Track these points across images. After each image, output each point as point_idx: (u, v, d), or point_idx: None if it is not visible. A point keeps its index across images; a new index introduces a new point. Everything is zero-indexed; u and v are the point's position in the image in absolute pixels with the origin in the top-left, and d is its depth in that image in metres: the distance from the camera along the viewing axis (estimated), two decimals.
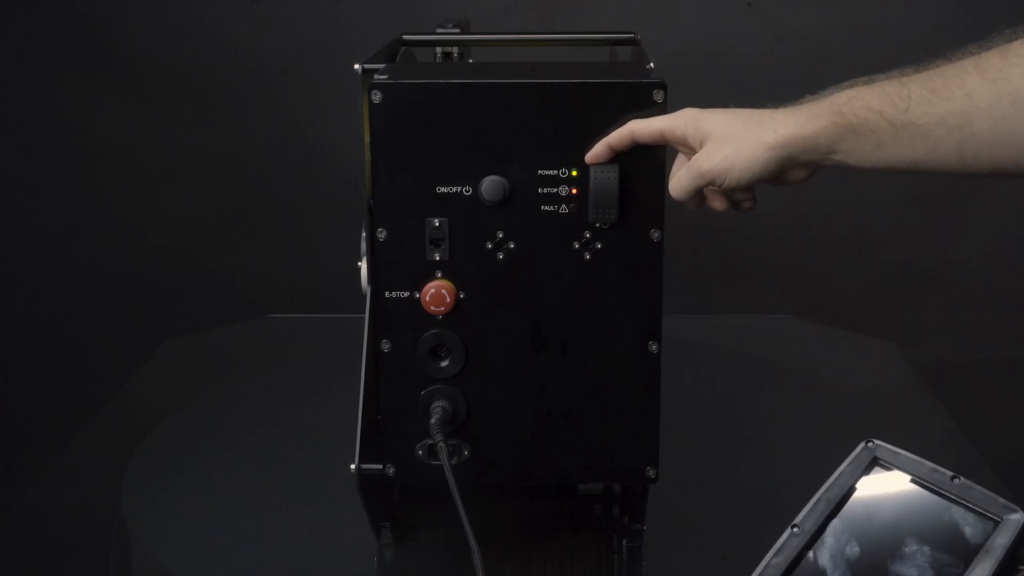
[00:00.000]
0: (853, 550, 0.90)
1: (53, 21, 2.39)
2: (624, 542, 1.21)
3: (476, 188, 1.07)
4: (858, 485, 0.93)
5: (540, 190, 1.07)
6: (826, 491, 0.92)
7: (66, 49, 2.39)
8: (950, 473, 0.91)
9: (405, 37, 1.32)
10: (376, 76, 1.08)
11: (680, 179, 1.06)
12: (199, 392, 1.62)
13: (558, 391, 1.11)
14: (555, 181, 1.07)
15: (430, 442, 1.10)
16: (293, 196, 2.44)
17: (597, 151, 1.05)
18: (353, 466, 1.11)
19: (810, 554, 0.90)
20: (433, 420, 1.09)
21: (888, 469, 0.93)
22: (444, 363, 1.10)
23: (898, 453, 0.94)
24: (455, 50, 1.37)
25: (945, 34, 2.33)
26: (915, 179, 2.40)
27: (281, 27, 2.37)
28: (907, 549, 0.89)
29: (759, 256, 2.45)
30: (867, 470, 0.93)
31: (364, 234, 1.11)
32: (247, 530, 1.27)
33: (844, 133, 1.02)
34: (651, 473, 1.12)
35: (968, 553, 0.88)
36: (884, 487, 0.93)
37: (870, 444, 0.94)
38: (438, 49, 1.37)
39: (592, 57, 1.39)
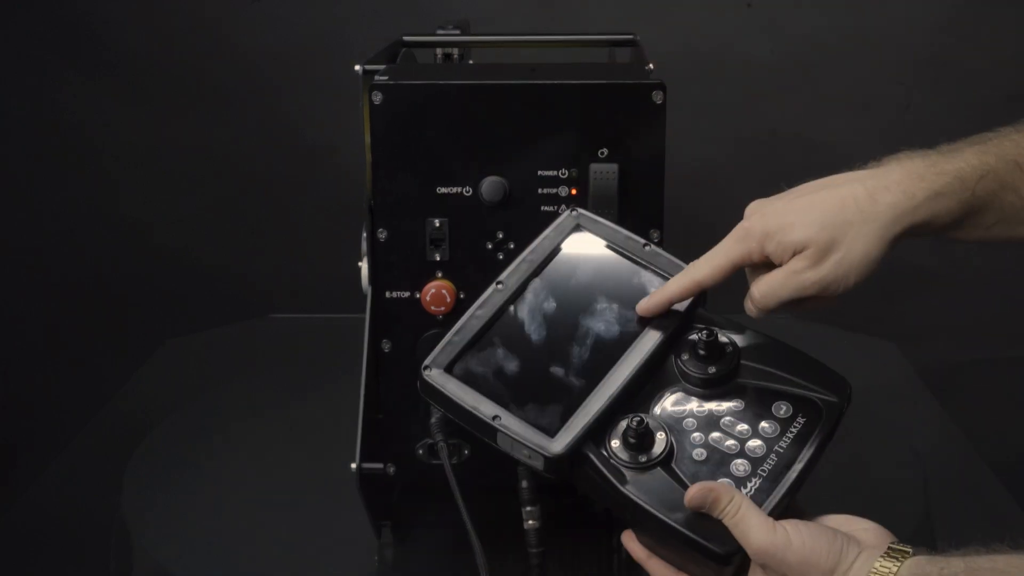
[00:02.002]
0: (550, 305, 0.98)
1: (53, 21, 2.39)
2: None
3: (476, 188, 1.08)
4: (559, 248, 1.01)
5: (540, 190, 1.08)
6: (530, 253, 1.00)
7: (66, 49, 2.39)
8: (642, 241, 1.00)
9: (405, 38, 1.33)
10: (377, 77, 1.08)
11: (777, 292, 0.94)
12: (199, 392, 1.62)
13: None
14: (555, 182, 1.08)
15: (430, 441, 1.11)
16: (294, 196, 2.44)
17: (653, 305, 0.97)
18: (354, 465, 1.11)
19: (511, 308, 0.98)
20: (433, 419, 1.09)
21: (588, 234, 1.01)
22: None
23: (598, 221, 1.02)
24: (455, 51, 1.37)
25: (945, 34, 2.34)
26: None
27: (281, 27, 2.37)
28: (598, 306, 0.98)
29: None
30: (569, 235, 1.01)
31: (365, 234, 1.11)
32: (248, 529, 1.27)
33: (971, 212, 0.95)
34: None
35: None
36: (582, 251, 1.00)
37: (573, 212, 1.02)
38: (438, 50, 1.37)
39: (592, 58, 1.39)
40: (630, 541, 0.94)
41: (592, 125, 1.06)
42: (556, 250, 1.00)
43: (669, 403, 0.94)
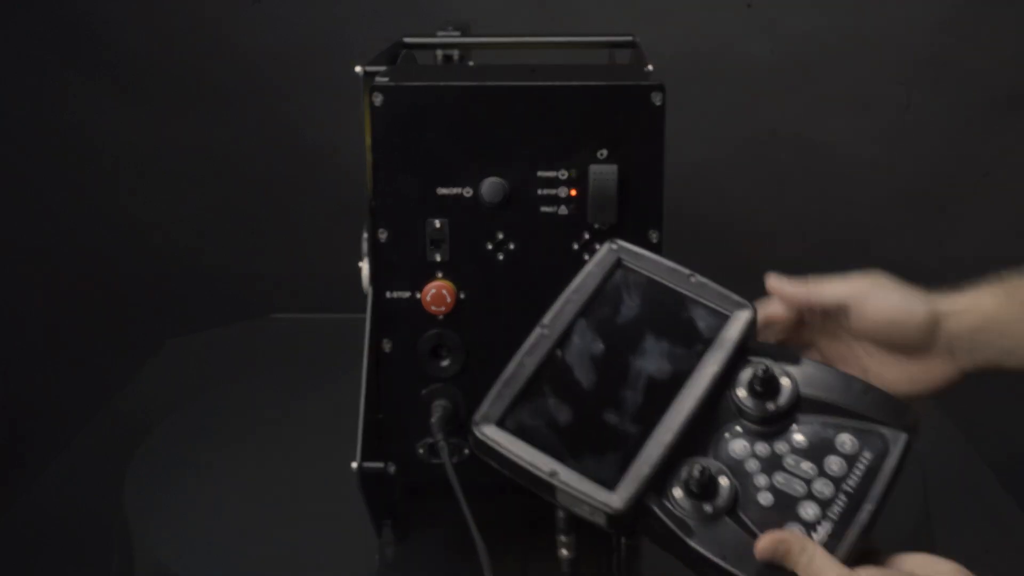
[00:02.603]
0: (598, 347, 0.92)
1: (53, 21, 2.39)
2: (624, 542, 1.22)
3: (476, 189, 1.08)
4: (602, 285, 0.95)
5: (539, 191, 1.08)
6: (572, 292, 0.95)
7: (66, 49, 2.39)
8: (687, 271, 0.95)
9: (406, 40, 1.33)
10: (377, 78, 1.09)
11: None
12: (200, 392, 1.63)
13: None
14: (554, 183, 1.08)
15: (431, 441, 1.11)
16: (294, 197, 2.45)
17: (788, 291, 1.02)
18: (355, 465, 1.12)
19: (558, 352, 0.92)
20: (434, 419, 1.10)
21: (631, 269, 0.96)
22: (445, 362, 1.11)
23: (640, 254, 0.97)
24: (456, 53, 1.37)
25: (945, 35, 2.34)
26: (915, 178, 2.40)
27: (282, 28, 2.37)
28: (646, 344, 0.92)
29: (759, 256, 2.45)
30: (611, 271, 0.96)
31: (365, 235, 1.11)
32: (249, 529, 1.27)
33: (1016, 310, 0.97)
34: None
35: (702, 346, 0.92)
36: (627, 286, 0.96)
37: (614, 245, 0.97)
38: (439, 51, 1.37)
39: (591, 60, 1.40)
40: None
41: (592, 126, 1.07)
42: (599, 287, 0.95)
43: (729, 444, 0.89)
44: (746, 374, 0.91)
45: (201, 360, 1.78)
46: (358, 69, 1.12)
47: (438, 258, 1.09)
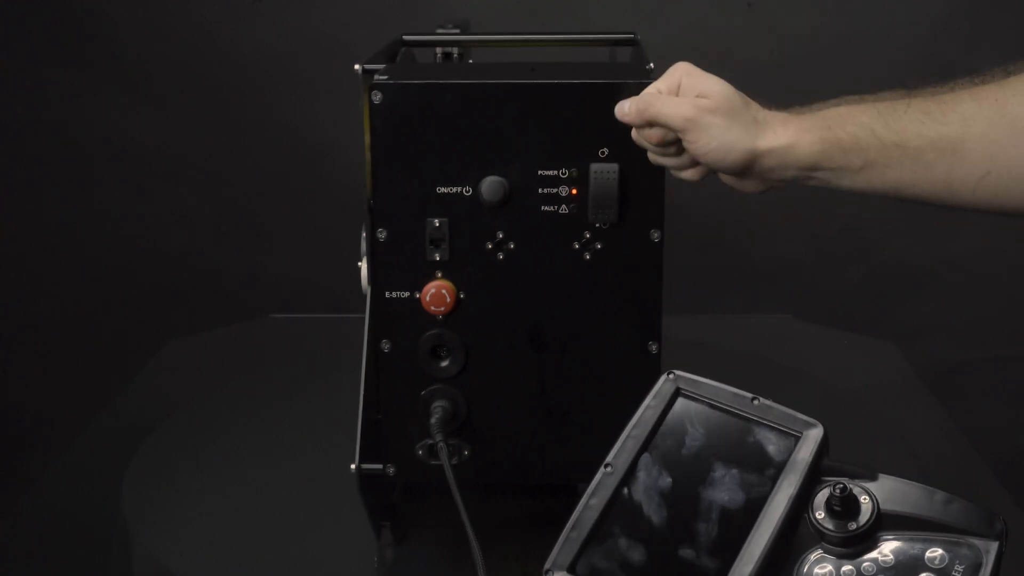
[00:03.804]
0: (665, 481, 0.90)
1: (53, 21, 2.39)
2: None
3: (476, 188, 1.07)
4: (664, 418, 0.93)
5: (540, 190, 1.08)
6: (634, 427, 0.93)
7: (66, 49, 2.39)
8: (750, 395, 0.93)
9: (405, 37, 1.32)
10: (376, 76, 1.08)
11: (658, 101, 1.02)
12: (200, 392, 1.62)
13: (558, 391, 1.11)
14: (555, 181, 1.07)
15: (430, 442, 1.11)
16: (293, 196, 2.44)
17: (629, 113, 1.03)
18: (353, 466, 1.11)
19: (625, 490, 0.90)
20: (433, 420, 1.09)
21: (691, 398, 0.94)
22: (444, 363, 1.11)
23: (699, 381, 0.95)
24: (455, 50, 1.37)
25: (944, 35, 2.34)
26: None
27: (282, 27, 2.37)
28: (716, 474, 0.90)
29: (759, 256, 2.45)
30: (671, 402, 0.94)
31: (364, 234, 1.11)
32: (248, 529, 1.27)
33: (832, 150, 1.00)
34: None
35: (774, 470, 0.90)
36: (689, 416, 0.94)
37: (671, 376, 0.95)
38: (438, 49, 1.37)
39: (592, 58, 1.39)
40: None
41: (593, 124, 1.06)
42: (660, 420, 0.93)
43: (813, 569, 0.87)
44: (823, 495, 0.89)
45: (201, 360, 1.77)
46: (357, 67, 1.12)
47: (438, 258, 1.09)
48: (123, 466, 1.40)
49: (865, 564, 0.86)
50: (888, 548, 0.87)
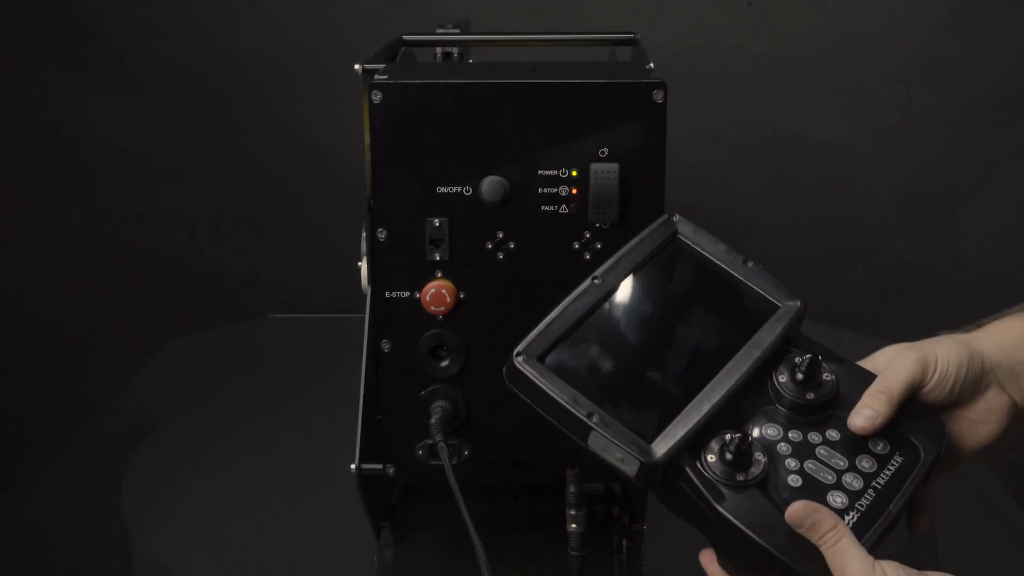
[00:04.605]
0: (647, 308, 0.95)
1: (53, 21, 2.39)
2: (624, 542, 1.21)
3: (476, 188, 1.07)
4: (658, 252, 0.98)
5: (540, 190, 1.08)
6: (627, 252, 0.97)
7: (66, 49, 2.39)
8: (743, 257, 0.98)
9: (405, 37, 1.32)
10: (376, 76, 1.08)
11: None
12: (200, 392, 1.62)
13: None
14: (555, 181, 1.07)
15: (430, 442, 1.11)
16: (293, 196, 2.45)
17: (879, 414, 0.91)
18: (353, 466, 1.11)
19: (607, 305, 0.94)
20: (433, 420, 1.09)
21: (687, 241, 0.99)
22: (444, 363, 1.11)
23: (698, 230, 0.99)
24: (455, 50, 1.37)
25: (945, 34, 2.34)
26: (915, 177, 2.40)
27: (281, 27, 2.37)
28: (695, 315, 0.95)
29: (759, 256, 2.45)
30: (668, 241, 0.99)
31: (364, 234, 1.11)
32: (247, 530, 1.27)
33: None
34: None
35: (748, 329, 0.94)
36: (681, 257, 0.98)
37: (674, 217, 1.00)
38: (438, 49, 1.37)
39: (592, 57, 1.39)
40: (709, 563, 0.90)
41: (593, 124, 1.06)
42: (654, 253, 0.97)
43: (763, 425, 0.91)
44: (790, 361, 0.93)
45: (201, 360, 1.77)
46: (357, 67, 1.12)
47: (438, 257, 1.09)
48: (123, 466, 1.40)
49: (812, 434, 0.91)
50: (838, 426, 0.91)
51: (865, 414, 0.90)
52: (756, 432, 0.90)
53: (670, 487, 0.88)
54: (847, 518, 0.86)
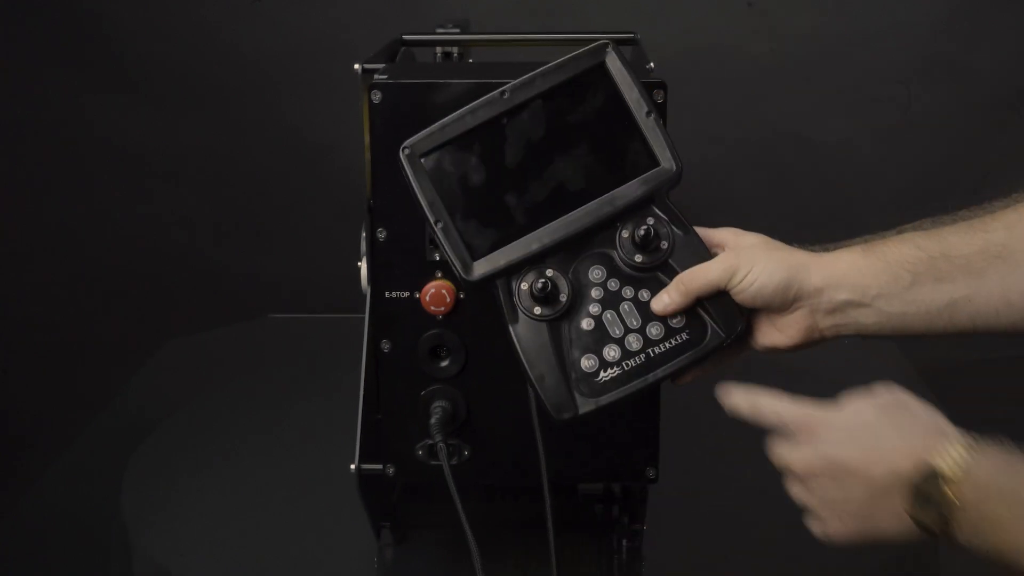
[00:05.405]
0: (538, 133, 0.98)
1: (53, 21, 2.39)
2: (624, 542, 1.21)
3: None
4: (574, 78, 0.99)
5: None
6: (547, 72, 0.99)
7: (66, 49, 2.39)
8: (647, 108, 0.99)
9: (405, 37, 1.32)
10: (376, 76, 1.08)
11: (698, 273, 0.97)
12: (199, 392, 1.62)
13: None
14: None
15: (430, 442, 1.11)
16: (293, 196, 2.45)
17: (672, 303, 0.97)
18: (353, 466, 1.11)
19: (504, 120, 0.98)
20: (433, 420, 1.09)
21: (607, 75, 0.99)
22: (444, 363, 1.11)
23: (625, 69, 1.00)
24: (455, 50, 1.37)
25: (945, 34, 2.34)
26: (914, 177, 2.40)
27: (281, 27, 2.37)
28: (577, 151, 0.98)
29: None
30: (592, 70, 0.99)
31: (364, 234, 1.11)
32: (247, 530, 1.27)
33: (876, 264, 0.98)
34: (651, 473, 1.13)
35: (617, 180, 0.98)
36: (592, 89, 0.99)
37: (608, 48, 1.00)
38: (438, 49, 1.37)
39: None
40: (726, 396, 0.95)
41: None
42: (571, 80, 0.99)
43: (590, 265, 0.98)
44: (638, 220, 0.97)
45: (201, 360, 1.77)
46: (357, 67, 1.12)
47: (437, 257, 1.09)
48: (123, 466, 1.40)
49: (627, 288, 0.98)
50: (652, 289, 0.98)
51: (663, 299, 0.97)
52: (581, 268, 0.97)
53: (489, 296, 0.98)
54: (608, 372, 0.96)
